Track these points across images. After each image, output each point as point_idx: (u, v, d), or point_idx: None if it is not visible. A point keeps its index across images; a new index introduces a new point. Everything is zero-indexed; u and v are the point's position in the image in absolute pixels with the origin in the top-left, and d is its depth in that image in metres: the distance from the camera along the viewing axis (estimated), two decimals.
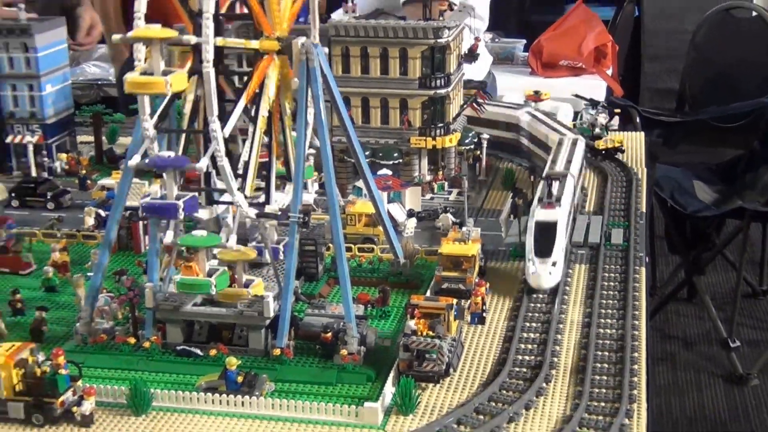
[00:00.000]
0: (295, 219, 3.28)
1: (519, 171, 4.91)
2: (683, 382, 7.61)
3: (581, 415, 2.91)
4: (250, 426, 2.93)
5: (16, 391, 2.95)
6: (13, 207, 4.46)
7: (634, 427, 2.88)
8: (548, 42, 8.83)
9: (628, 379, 3.07)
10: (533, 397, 3.02)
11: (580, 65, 8.65)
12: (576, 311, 3.55)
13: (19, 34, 4.70)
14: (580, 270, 3.83)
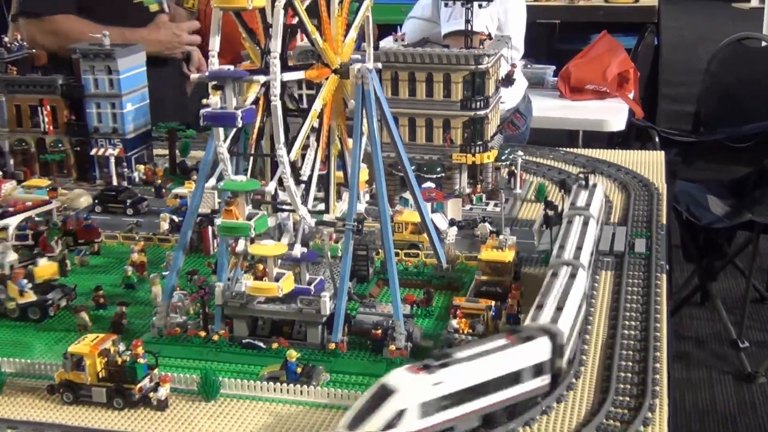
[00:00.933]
0: (350, 227, 3.28)
1: (550, 185, 4.84)
2: (696, 379, 7.54)
3: (608, 408, 2.87)
4: (307, 412, 2.92)
5: (99, 377, 2.96)
6: (96, 213, 4.45)
7: (657, 419, 2.83)
8: (575, 68, 8.80)
9: (651, 376, 3.02)
10: (564, 391, 2.98)
11: (604, 89, 8.60)
12: (602, 313, 3.51)
13: (103, 58, 4.74)
14: (606, 276, 3.79)
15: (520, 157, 4.72)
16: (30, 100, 4.93)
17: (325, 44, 3.32)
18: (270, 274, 3.22)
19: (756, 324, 8.21)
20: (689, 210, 7.62)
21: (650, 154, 5.37)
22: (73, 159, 4.98)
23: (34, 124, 4.95)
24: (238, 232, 3.17)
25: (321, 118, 3.34)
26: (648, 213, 4.43)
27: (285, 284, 3.19)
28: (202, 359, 3.22)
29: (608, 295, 3.66)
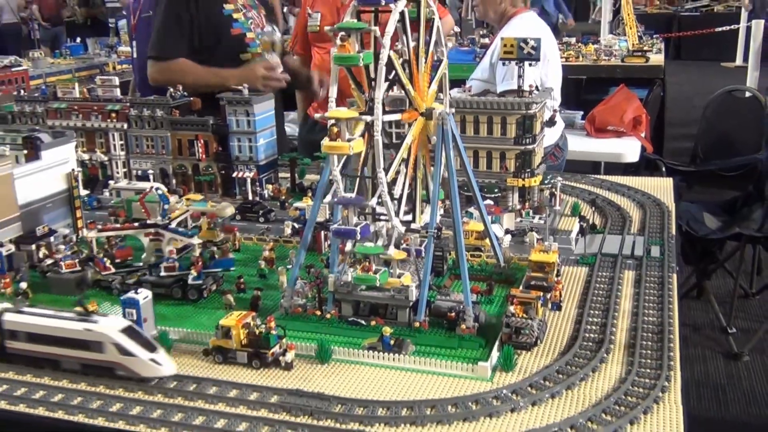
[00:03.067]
0: (431, 233, 3.28)
1: (582, 203, 4.79)
2: (693, 357, 7.42)
3: (633, 378, 2.81)
4: (398, 375, 2.92)
5: (242, 344, 3.00)
6: (237, 220, 4.52)
7: (672, 387, 2.76)
8: (599, 113, 8.74)
9: (667, 353, 2.96)
10: (597, 363, 2.93)
11: (622, 129, 8.54)
12: (627, 303, 3.44)
13: (243, 104, 4.82)
14: (628, 274, 3.72)
15: (559, 181, 4.66)
16: (188, 135, 5.02)
17: (415, 93, 3.33)
18: (394, 273, 3.25)
19: (741, 314, 8.08)
20: (689, 224, 7.57)
21: (661, 180, 5.28)
22: (219, 179, 5.05)
23: (191, 153, 5.05)
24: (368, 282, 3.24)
25: (410, 150, 3.35)
26: (660, 226, 4.35)
27: (381, 277, 3.21)
28: (318, 332, 3.23)
29: (631, 289, 3.59)
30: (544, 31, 6.46)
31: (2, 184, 3.94)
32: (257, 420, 2.64)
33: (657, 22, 20.53)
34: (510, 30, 6.29)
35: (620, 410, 2.65)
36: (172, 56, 5.97)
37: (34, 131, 4.49)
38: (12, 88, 6.02)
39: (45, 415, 2.74)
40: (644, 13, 21.56)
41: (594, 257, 3.92)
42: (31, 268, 3.87)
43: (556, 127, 6.23)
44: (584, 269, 3.83)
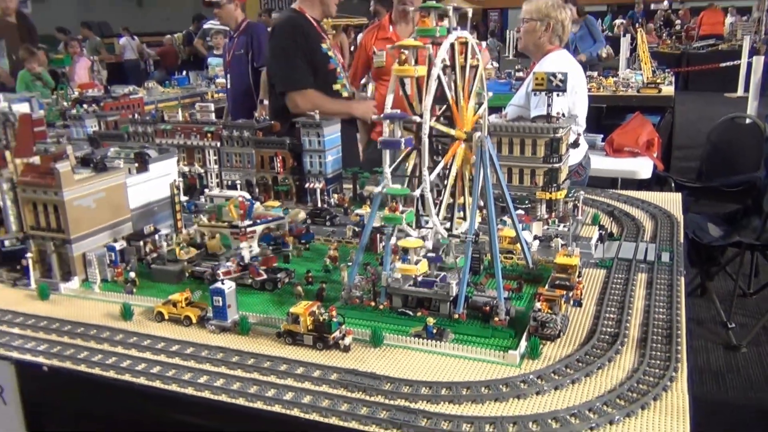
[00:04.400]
0: (470, 238, 3.20)
1: (602, 214, 4.64)
2: (697, 348, 7.16)
3: (644, 368, 2.69)
4: (439, 359, 2.85)
5: (308, 329, 2.97)
6: (307, 223, 4.50)
7: (679, 377, 2.63)
8: (617, 136, 8.53)
9: (675, 347, 2.82)
10: (613, 354, 2.81)
11: (637, 151, 8.30)
12: (639, 302, 3.30)
13: (315, 127, 4.81)
14: (641, 277, 3.57)
15: (581, 194, 4.52)
16: (269, 153, 5.03)
17: (459, 116, 3.27)
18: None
19: (740, 312, 7.77)
20: (695, 233, 7.30)
21: (670, 194, 5.08)
22: (294, 189, 5.05)
23: (271, 167, 5.06)
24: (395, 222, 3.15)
25: (452, 167, 3.29)
26: (670, 234, 4.18)
27: (421, 267, 3.15)
28: (372, 320, 3.18)
29: (643, 290, 3.45)
30: (573, 68, 6.35)
31: (117, 192, 3.99)
32: (319, 394, 2.60)
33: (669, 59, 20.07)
34: (544, 65, 6.20)
35: (632, 396, 2.53)
36: (306, 87, 5.97)
37: (144, 148, 4.55)
38: (129, 112, 6.11)
39: (142, 382, 2.76)
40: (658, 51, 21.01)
41: (611, 261, 3.78)
42: (139, 260, 3.91)
43: (580, 148, 6.10)
44: (602, 272, 3.69)
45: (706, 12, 25.37)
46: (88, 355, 2.97)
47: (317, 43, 6.09)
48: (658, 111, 10.06)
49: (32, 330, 3.23)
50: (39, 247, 3.81)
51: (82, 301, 3.58)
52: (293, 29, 6.08)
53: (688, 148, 12.02)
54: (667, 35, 25.23)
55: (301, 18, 6.20)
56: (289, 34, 6.07)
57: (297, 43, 5.98)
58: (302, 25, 6.07)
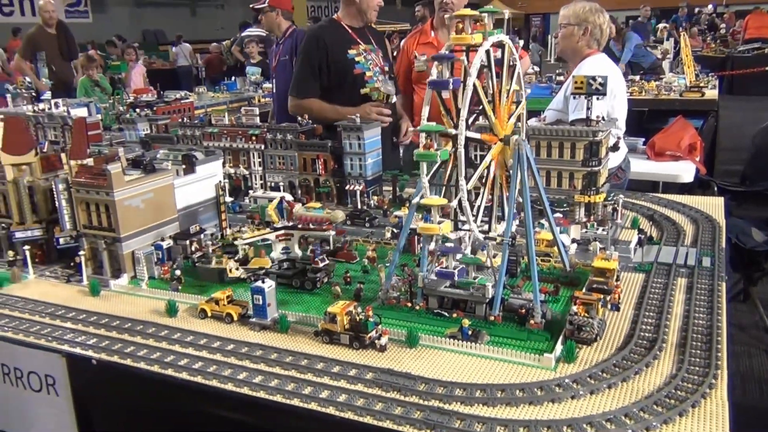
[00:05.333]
0: (507, 241, 3.14)
1: (641, 218, 4.51)
2: (738, 353, 6.89)
3: (683, 374, 2.59)
4: (474, 361, 2.80)
5: (345, 328, 2.95)
6: (347, 225, 4.49)
7: (718, 384, 2.53)
8: (658, 140, 8.31)
9: (715, 353, 2.71)
10: (650, 360, 2.71)
11: (679, 154, 8.07)
12: (679, 307, 3.18)
13: (355, 130, 4.79)
14: (681, 282, 3.44)
15: (621, 198, 4.41)
16: (311, 155, 5.04)
17: (496, 120, 3.20)
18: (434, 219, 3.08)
19: None
20: (738, 237, 7.03)
21: (713, 198, 4.90)
22: (335, 191, 5.04)
23: (313, 169, 5.06)
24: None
25: (489, 169, 3.23)
26: (712, 239, 4.03)
27: (444, 227, 3.06)
28: (408, 321, 3.14)
29: (683, 295, 3.32)
30: (612, 71, 6.19)
31: (165, 192, 4.05)
32: (354, 393, 2.58)
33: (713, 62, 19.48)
34: (583, 70, 6.05)
35: (670, 403, 2.44)
36: (306, 96, 6.22)
37: (191, 150, 4.60)
38: (180, 116, 6.20)
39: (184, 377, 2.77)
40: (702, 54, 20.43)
41: (650, 265, 3.66)
42: (185, 259, 3.95)
43: (620, 152, 5.93)
44: (641, 276, 3.58)
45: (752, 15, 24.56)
46: (134, 350, 3.01)
47: (343, 50, 6.23)
48: (701, 115, 9.74)
49: (83, 325, 3.29)
50: (91, 245, 3.89)
51: (130, 297, 3.64)
52: (309, 40, 6.40)
53: (732, 152, 11.63)
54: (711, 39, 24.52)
55: (331, 28, 6.42)
56: (305, 45, 6.44)
57: (309, 54, 6.26)
58: (319, 36, 6.29)
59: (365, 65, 6.29)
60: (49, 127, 6.06)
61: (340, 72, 6.19)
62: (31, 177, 4.07)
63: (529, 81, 11.97)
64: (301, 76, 6.32)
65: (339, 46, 6.21)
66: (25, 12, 24.15)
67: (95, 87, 12.43)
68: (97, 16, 26.62)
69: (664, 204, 4.82)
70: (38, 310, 3.47)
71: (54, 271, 4.01)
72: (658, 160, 8.09)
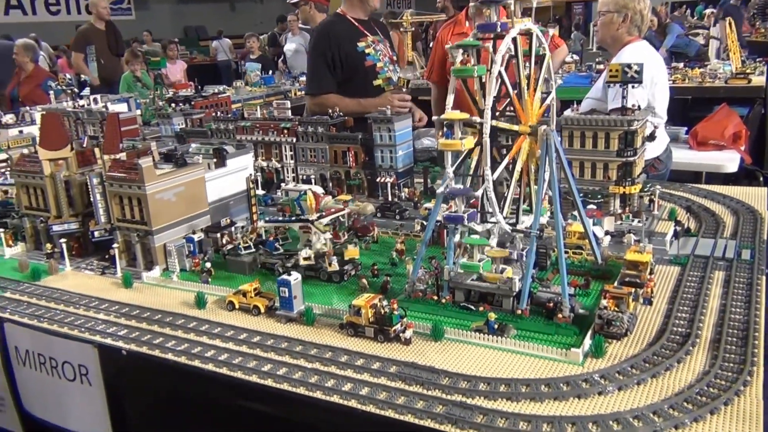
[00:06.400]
0: (535, 233, 3.08)
1: (679, 209, 4.38)
2: None
3: (716, 371, 2.50)
4: (499, 355, 2.75)
5: (370, 321, 2.94)
6: (377, 217, 4.48)
7: (754, 382, 2.43)
8: (702, 129, 8.05)
9: (751, 350, 2.60)
10: (683, 356, 2.62)
11: (723, 144, 7.81)
12: (715, 301, 3.07)
13: (386, 122, 4.76)
14: (718, 275, 3.32)
15: (658, 189, 4.29)
16: (342, 147, 5.05)
17: (523, 110, 3.14)
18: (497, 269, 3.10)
19: None
20: None
21: (756, 189, 4.72)
22: (366, 183, 5.04)
23: (344, 162, 5.07)
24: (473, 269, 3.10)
25: (516, 161, 3.18)
26: (753, 231, 3.88)
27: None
28: (434, 314, 3.11)
29: (719, 289, 3.21)
30: (654, 58, 6.02)
31: (197, 185, 4.10)
32: (377, 386, 2.56)
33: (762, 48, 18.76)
34: (623, 57, 5.89)
35: (702, 400, 2.35)
36: (324, 92, 6.26)
37: (222, 143, 4.65)
38: (216, 110, 6.26)
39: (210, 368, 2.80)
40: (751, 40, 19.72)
41: (686, 258, 3.55)
42: (216, 251, 3.99)
43: (659, 142, 5.78)
44: (676, 269, 3.47)
45: None
46: (162, 341, 3.05)
47: (353, 44, 6.27)
48: (747, 102, 9.40)
49: (115, 316, 3.36)
50: (125, 238, 3.96)
51: (161, 289, 3.70)
52: (318, 36, 6.47)
53: None
54: (761, 24, 23.66)
55: (338, 22, 6.46)
56: (315, 41, 6.52)
57: (319, 50, 6.32)
58: (329, 32, 6.34)
59: (375, 57, 6.34)
60: (88, 122, 6.21)
61: (351, 65, 6.24)
62: (68, 171, 4.16)
63: (568, 70, 11.74)
64: (316, 72, 6.38)
65: (348, 40, 6.26)
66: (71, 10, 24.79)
67: (137, 82, 12.69)
68: (140, 13, 27.14)
69: (704, 195, 4.67)
70: (73, 301, 3.55)
71: (90, 264, 4.11)
72: (701, 150, 7.85)
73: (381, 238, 4.18)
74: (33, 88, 11.09)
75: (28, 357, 3.39)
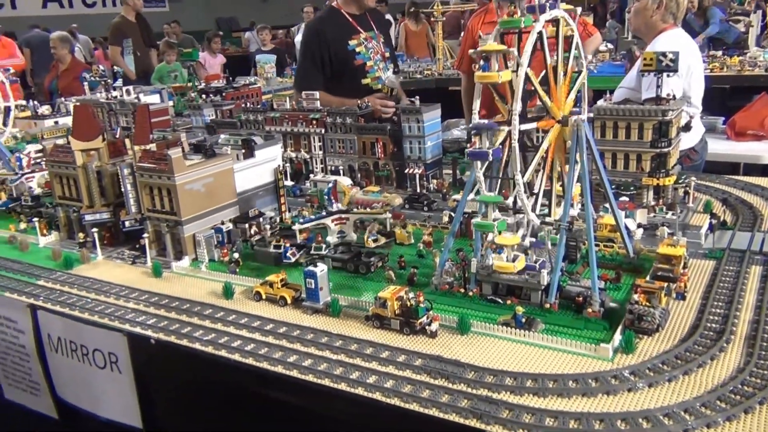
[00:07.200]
0: (564, 226, 3.02)
1: (715, 202, 4.26)
2: None
3: (751, 368, 2.42)
4: (526, 350, 2.71)
5: (395, 313, 2.92)
6: (405, 209, 4.45)
7: None
8: (739, 119, 7.84)
9: None
10: (716, 352, 2.55)
11: (762, 134, 7.59)
12: (751, 297, 2.98)
13: (415, 113, 4.73)
14: (755, 269, 3.23)
15: (693, 180, 4.18)
16: (370, 139, 5.02)
17: (552, 103, 3.07)
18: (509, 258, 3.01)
19: None
20: None
21: None
22: (394, 174, 5.00)
23: (372, 153, 5.04)
24: (487, 229, 2.99)
25: (547, 153, 3.11)
26: None
27: (519, 264, 2.99)
28: (460, 307, 3.08)
29: (756, 283, 3.11)
30: (690, 47, 5.85)
31: (225, 176, 4.11)
32: (402, 379, 2.55)
33: None
34: (657, 45, 5.74)
35: (736, 399, 2.28)
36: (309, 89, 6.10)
37: (251, 135, 4.66)
38: (246, 102, 6.29)
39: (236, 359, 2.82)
40: None
41: (722, 252, 3.45)
42: (244, 242, 4.01)
43: (694, 132, 5.63)
44: (711, 263, 3.38)
45: None
46: (190, 330, 3.08)
47: (344, 42, 6.18)
48: None
49: (144, 305, 3.40)
50: (155, 228, 4.00)
51: (190, 279, 3.73)
52: (309, 32, 6.48)
53: None
54: None
55: (331, 18, 6.34)
56: (305, 39, 6.51)
57: (307, 48, 6.31)
58: (319, 30, 6.27)
59: (366, 55, 6.25)
60: (121, 113, 6.28)
61: (341, 64, 6.18)
62: (99, 162, 4.22)
63: (602, 59, 11.52)
64: (303, 69, 6.38)
65: (339, 38, 6.17)
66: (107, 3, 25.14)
67: (172, 73, 12.82)
68: (174, 5, 27.40)
69: (741, 187, 4.53)
70: (104, 290, 3.60)
71: (120, 253, 4.16)
72: (739, 140, 7.64)
73: (408, 230, 4.14)
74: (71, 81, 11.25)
75: (61, 344, 3.45)
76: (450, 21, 14.67)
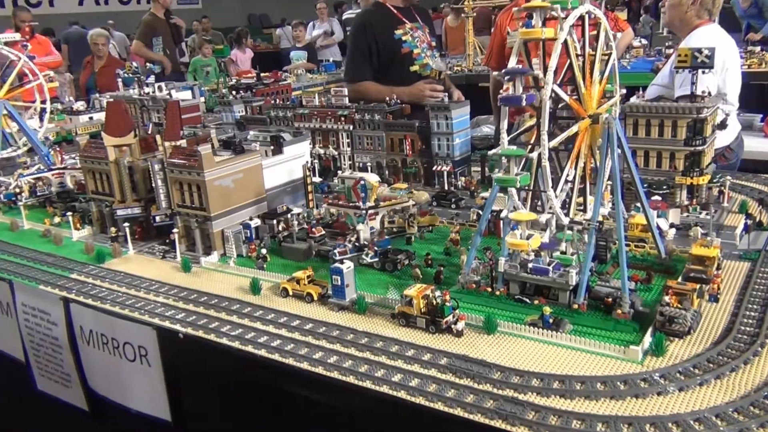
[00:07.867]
0: (594, 225, 2.97)
1: (751, 202, 4.16)
2: None
3: None
4: (553, 350, 2.68)
5: (422, 312, 2.91)
6: (432, 206, 4.42)
7: None
8: None
9: None
10: (750, 356, 2.49)
11: None
12: None
13: (443, 110, 4.70)
14: None
15: (728, 180, 4.09)
16: (398, 135, 5.01)
17: (585, 92, 3.02)
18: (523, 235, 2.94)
19: None
20: None
21: None
22: (422, 171, 4.99)
23: (401, 150, 5.03)
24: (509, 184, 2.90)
25: (579, 152, 3.06)
26: None
27: (533, 242, 2.92)
28: (487, 306, 3.05)
29: None
30: (725, 43, 5.71)
31: (254, 173, 4.14)
32: (427, 378, 2.53)
33: None
34: (692, 41, 5.62)
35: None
36: (360, 80, 6.34)
37: (280, 131, 4.68)
38: (276, 98, 6.31)
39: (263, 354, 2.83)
40: None
41: (757, 253, 3.37)
42: (272, 238, 4.03)
43: (730, 130, 5.50)
44: (747, 264, 3.30)
45: None
46: (218, 325, 3.10)
47: (390, 32, 6.28)
48: None
49: (173, 299, 3.44)
50: (185, 223, 4.05)
51: (218, 274, 3.76)
52: (356, 26, 6.63)
53: None
54: None
55: (377, 11, 6.49)
56: (353, 31, 6.68)
57: (356, 39, 6.47)
58: (365, 22, 6.43)
59: (412, 44, 6.32)
60: (153, 109, 6.36)
61: (388, 53, 6.29)
62: (131, 157, 4.28)
63: (636, 55, 11.32)
64: (353, 61, 6.53)
65: (385, 28, 6.29)
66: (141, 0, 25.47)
67: (204, 67, 12.97)
68: (206, 2, 27.66)
69: None
70: (134, 284, 3.65)
71: (151, 248, 4.22)
72: None
73: (436, 228, 4.12)
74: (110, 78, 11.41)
75: (92, 336, 3.51)
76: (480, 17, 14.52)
